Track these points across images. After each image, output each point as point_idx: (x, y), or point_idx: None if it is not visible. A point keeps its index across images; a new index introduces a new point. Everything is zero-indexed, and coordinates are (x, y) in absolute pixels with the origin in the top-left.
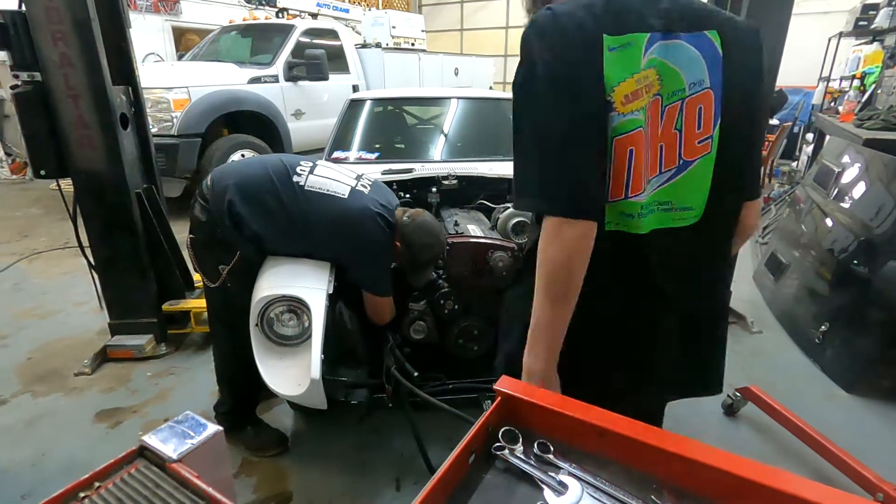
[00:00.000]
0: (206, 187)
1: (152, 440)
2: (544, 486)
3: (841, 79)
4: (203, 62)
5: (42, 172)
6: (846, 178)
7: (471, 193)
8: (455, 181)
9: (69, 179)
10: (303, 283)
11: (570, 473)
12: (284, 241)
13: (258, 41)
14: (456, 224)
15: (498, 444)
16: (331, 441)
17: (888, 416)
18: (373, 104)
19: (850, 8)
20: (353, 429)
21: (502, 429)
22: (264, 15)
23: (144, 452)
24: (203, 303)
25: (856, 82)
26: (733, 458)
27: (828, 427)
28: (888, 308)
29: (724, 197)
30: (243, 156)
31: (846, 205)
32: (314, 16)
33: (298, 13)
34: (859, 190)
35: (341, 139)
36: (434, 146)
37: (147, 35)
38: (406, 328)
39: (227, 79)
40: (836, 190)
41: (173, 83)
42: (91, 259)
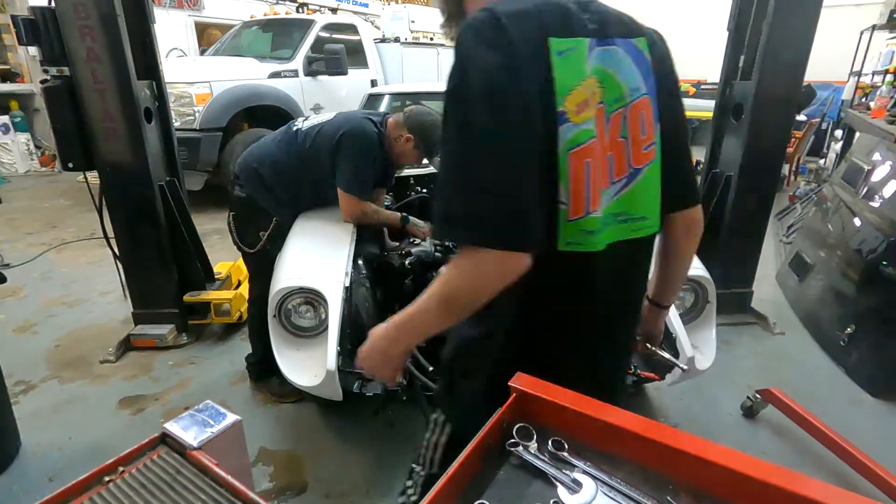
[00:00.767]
0: (236, 171)
1: (173, 428)
2: (558, 484)
3: (873, 73)
4: (224, 57)
5: (70, 165)
6: (876, 177)
7: None
8: None
9: (95, 172)
10: (320, 275)
11: (585, 472)
12: (301, 187)
13: (278, 36)
14: None
15: (512, 441)
16: (346, 433)
17: None
18: (391, 98)
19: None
20: (368, 421)
21: (517, 425)
22: (285, 10)
23: (166, 439)
24: (223, 294)
25: (889, 77)
26: (751, 461)
27: (852, 432)
28: None
29: (673, 203)
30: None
31: (876, 204)
32: (334, 10)
33: (318, 8)
34: (890, 189)
35: None
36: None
37: (171, 30)
38: None
39: (248, 73)
40: (866, 188)
41: (196, 78)
42: (116, 250)
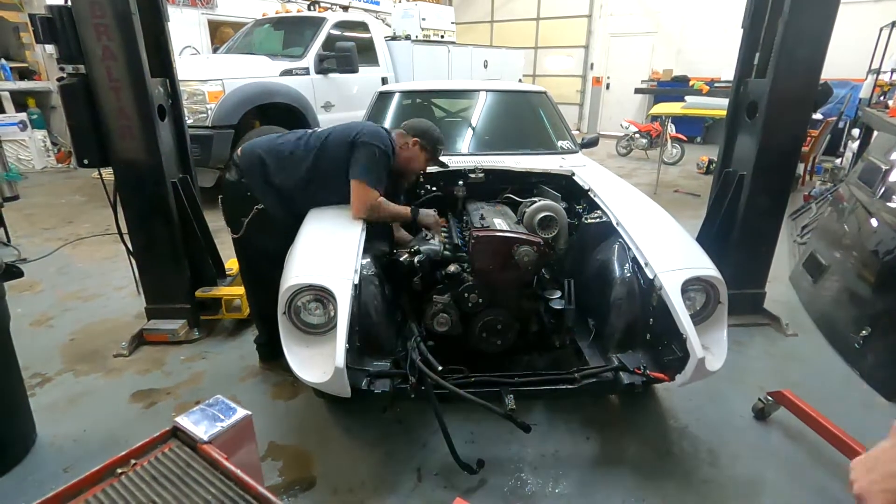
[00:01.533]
0: (236, 155)
1: (185, 422)
2: None
3: (892, 71)
4: (237, 55)
5: (85, 161)
6: (895, 177)
7: (497, 187)
8: (482, 175)
9: (110, 168)
10: (330, 272)
11: None
12: (303, 185)
13: (290, 34)
14: (482, 217)
15: None
16: (355, 430)
17: None
18: (401, 96)
19: None
20: (377, 418)
21: None
22: (296, 8)
23: (177, 433)
24: (234, 290)
25: None
26: None
27: (866, 436)
28: None
29: None
30: (236, 154)
31: (893, 204)
32: (345, 8)
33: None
34: None
35: None
36: (461, 139)
37: (184, 28)
38: (430, 320)
39: (260, 71)
40: (884, 188)
41: (208, 75)
42: (129, 245)
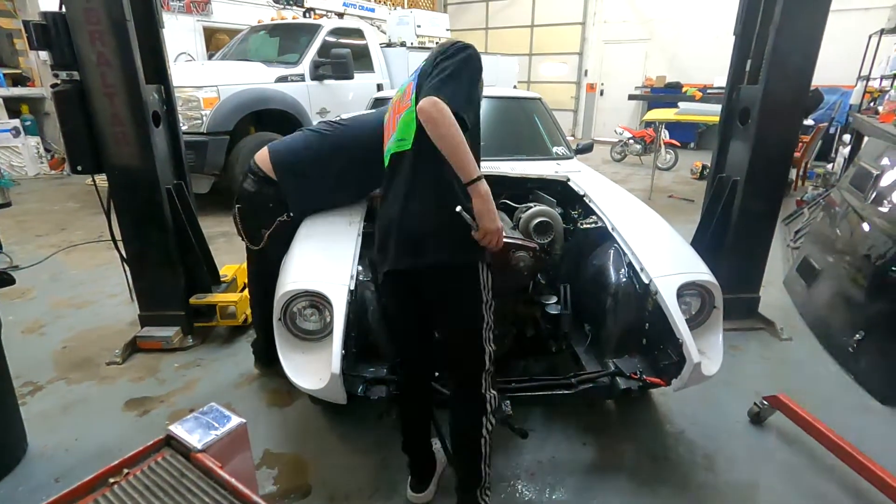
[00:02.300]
0: (255, 166)
1: (178, 430)
2: None
3: (882, 78)
4: (232, 61)
5: (79, 168)
6: (885, 181)
7: (493, 192)
8: None
9: (104, 175)
10: (326, 278)
11: None
12: (328, 179)
13: (285, 41)
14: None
15: None
16: (351, 436)
17: None
18: None
19: (893, 4)
20: (373, 425)
21: None
22: (292, 15)
23: (171, 441)
24: (229, 297)
25: None
26: None
27: (861, 440)
28: None
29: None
30: (254, 163)
31: (885, 209)
32: (340, 15)
33: (325, 13)
34: None
35: None
36: None
37: (179, 35)
38: None
39: (255, 78)
40: (875, 193)
41: (203, 82)
42: (123, 252)
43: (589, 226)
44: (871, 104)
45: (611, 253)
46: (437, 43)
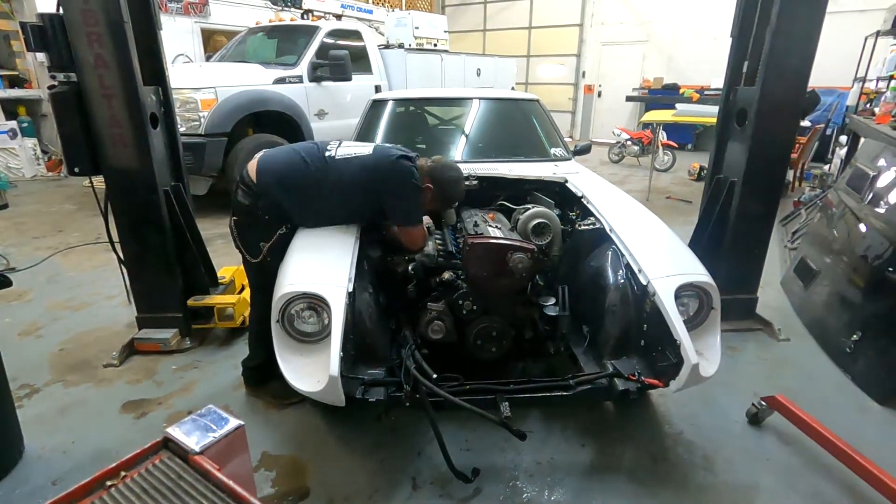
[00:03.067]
0: (248, 177)
1: (176, 432)
2: None
3: (878, 79)
4: (230, 63)
5: (76, 170)
6: (882, 182)
7: (491, 194)
8: (475, 182)
9: (101, 177)
10: (324, 280)
11: None
12: (321, 214)
13: (284, 42)
14: (476, 224)
15: None
16: (349, 438)
17: None
18: (395, 104)
19: (889, 6)
20: (371, 427)
21: None
22: (290, 16)
23: (168, 444)
24: (227, 298)
25: (893, 83)
26: None
27: (859, 440)
28: None
29: None
30: (246, 174)
31: (881, 210)
32: (338, 17)
33: (323, 14)
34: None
35: (363, 139)
36: (455, 146)
37: (177, 37)
38: (424, 328)
39: (253, 79)
40: (871, 194)
41: (201, 83)
42: (120, 254)
43: (587, 227)
44: (868, 106)
45: (609, 254)
46: (435, 45)
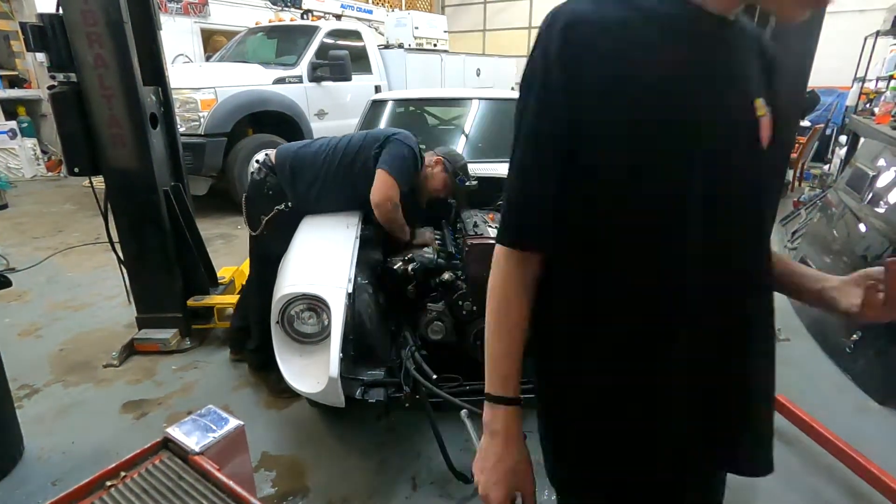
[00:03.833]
0: (268, 158)
1: (176, 432)
2: None
3: (877, 79)
4: (230, 63)
5: (76, 170)
6: (881, 182)
7: (491, 195)
8: (475, 182)
9: (101, 177)
10: (323, 281)
11: None
12: (328, 187)
13: (283, 42)
14: (475, 225)
15: None
16: (349, 439)
17: None
18: (394, 105)
19: (889, 6)
20: (371, 427)
21: None
22: (290, 16)
23: (168, 444)
24: (227, 299)
25: (893, 83)
26: None
27: (859, 440)
28: None
29: None
30: (267, 155)
31: (881, 210)
32: (338, 17)
33: (323, 14)
34: (895, 195)
35: None
36: (455, 147)
37: (177, 37)
38: (424, 328)
39: (253, 79)
40: (871, 194)
41: (201, 84)
42: (120, 254)
43: None
44: (867, 106)
45: None
46: (435, 46)
